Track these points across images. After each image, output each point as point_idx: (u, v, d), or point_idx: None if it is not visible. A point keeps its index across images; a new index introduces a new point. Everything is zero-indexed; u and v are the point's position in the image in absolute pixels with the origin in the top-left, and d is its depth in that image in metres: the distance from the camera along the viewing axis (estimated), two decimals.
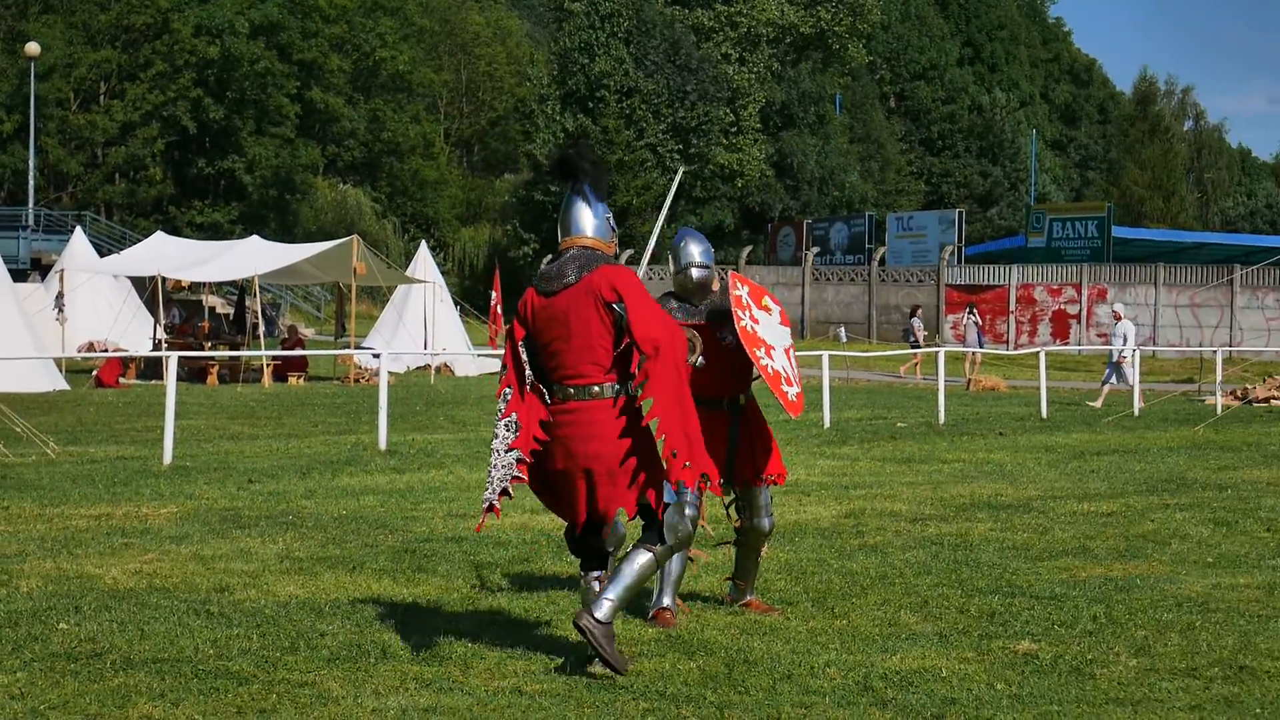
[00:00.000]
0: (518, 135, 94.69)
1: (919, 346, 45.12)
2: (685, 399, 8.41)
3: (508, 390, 8.74)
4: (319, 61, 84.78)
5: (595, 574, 8.63)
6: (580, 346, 8.41)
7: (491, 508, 8.80)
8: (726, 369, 9.90)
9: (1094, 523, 14.15)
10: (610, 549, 8.68)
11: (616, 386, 8.44)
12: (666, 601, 9.68)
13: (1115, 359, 33.73)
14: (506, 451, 8.74)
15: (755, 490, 10.18)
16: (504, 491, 8.74)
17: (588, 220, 8.76)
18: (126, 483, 16.56)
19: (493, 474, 8.82)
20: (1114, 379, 33.49)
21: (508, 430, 8.74)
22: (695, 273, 10.00)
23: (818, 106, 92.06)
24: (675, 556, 9.25)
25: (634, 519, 8.54)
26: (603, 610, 8.19)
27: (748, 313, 9.67)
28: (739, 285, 9.85)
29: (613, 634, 8.23)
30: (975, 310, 48.58)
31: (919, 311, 48.81)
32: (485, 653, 8.68)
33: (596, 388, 8.40)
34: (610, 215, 8.91)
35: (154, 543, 12.48)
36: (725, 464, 9.81)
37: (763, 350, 9.64)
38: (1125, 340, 33.76)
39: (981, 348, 46.24)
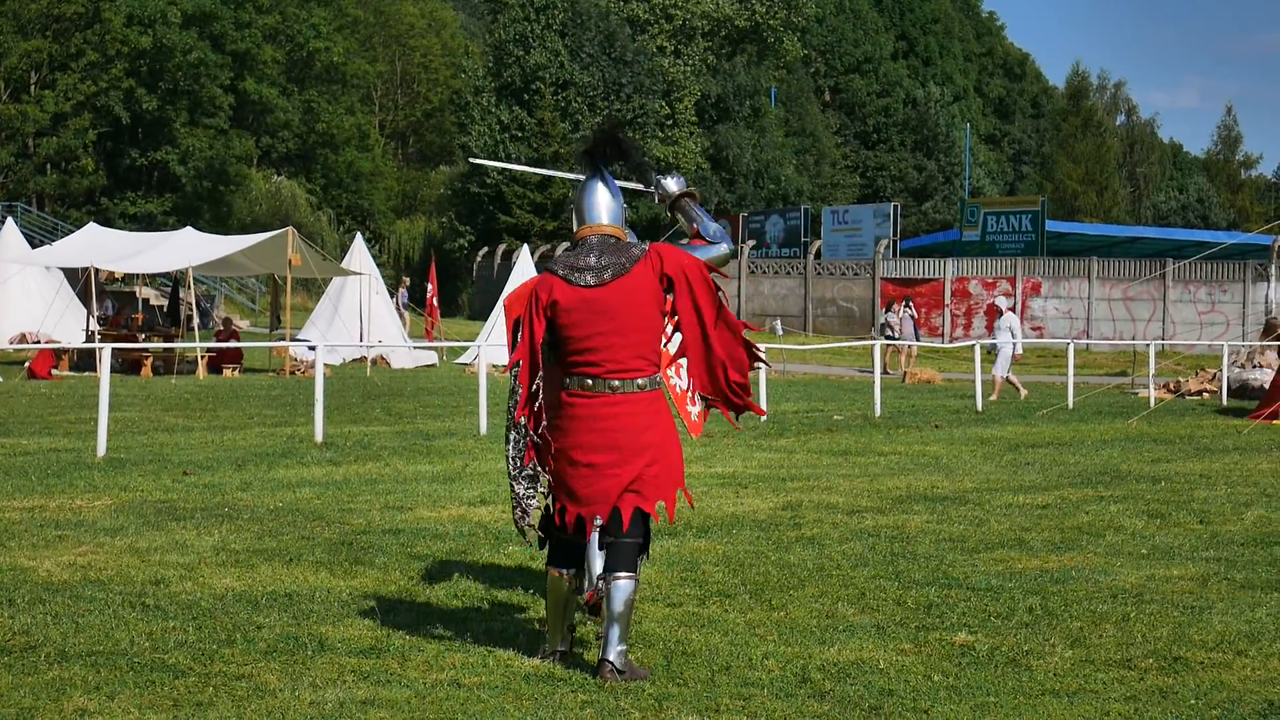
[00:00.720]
0: (453, 127, 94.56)
1: (894, 338, 45.40)
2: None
3: (518, 388, 8.43)
4: (252, 52, 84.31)
5: (568, 570, 8.41)
6: (635, 341, 8.23)
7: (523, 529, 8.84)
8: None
9: (1030, 515, 14.22)
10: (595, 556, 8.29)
11: (659, 379, 8.40)
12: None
13: (1003, 348, 33.79)
14: (522, 465, 8.68)
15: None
16: (524, 511, 8.76)
17: (610, 207, 8.52)
18: (60, 475, 16.45)
19: (516, 489, 8.79)
20: (1004, 369, 33.66)
21: (519, 435, 8.63)
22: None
23: (753, 100, 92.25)
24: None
25: (648, 520, 8.37)
26: (617, 657, 8.01)
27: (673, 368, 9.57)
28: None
29: (630, 663, 8.13)
30: (911, 303, 48.77)
31: (895, 307, 48.64)
32: (423, 645, 8.67)
33: (643, 380, 8.26)
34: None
35: (88, 535, 12.40)
36: None
37: (673, 369, 9.59)
38: (1013, 333, 33.92)
39: (917, 341, 46.41)
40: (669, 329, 8.54)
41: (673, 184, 9.40)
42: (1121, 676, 8.16)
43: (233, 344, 36.35)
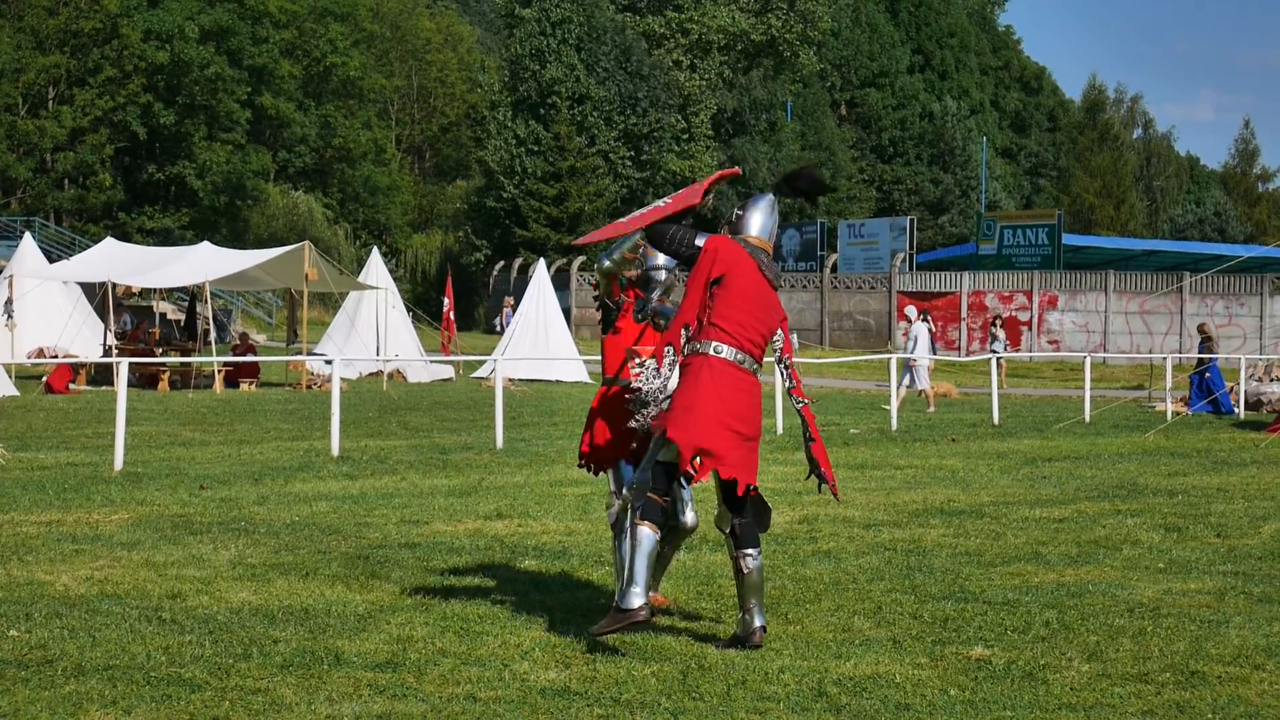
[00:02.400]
0: (469, 142, 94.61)
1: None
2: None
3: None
4: (269, 67, 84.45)
5: (657, 523, 9.07)
6: (767, 339, 9.40)
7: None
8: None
9: (1046, 528, 14.19)
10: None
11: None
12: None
13: (911, 361, 33.72)
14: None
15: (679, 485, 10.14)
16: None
17: (771, 228, 9.65)
18: (77, 489, 16.47)
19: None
20: (908, 380, 33.57)
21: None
22: (661, 275, 10.33)
23: (769, 113, 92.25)
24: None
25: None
26: (764, 619, 9.19)
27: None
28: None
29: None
30: (929, 317, 48.67)
31: (1000, 321, 48.47)
32: (439, 659, 8.67)
33: (758, 365, 9.35)
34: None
35: (105, 549, 12.42)
36: None
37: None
38: (917, 343, 33.89)
39: (934, 355, 46.35)
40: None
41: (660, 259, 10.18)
42: (1138, 690, 8.14)
43: (249, 358, 36.44)
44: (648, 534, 9.00)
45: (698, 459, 8.99)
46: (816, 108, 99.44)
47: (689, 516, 10.10)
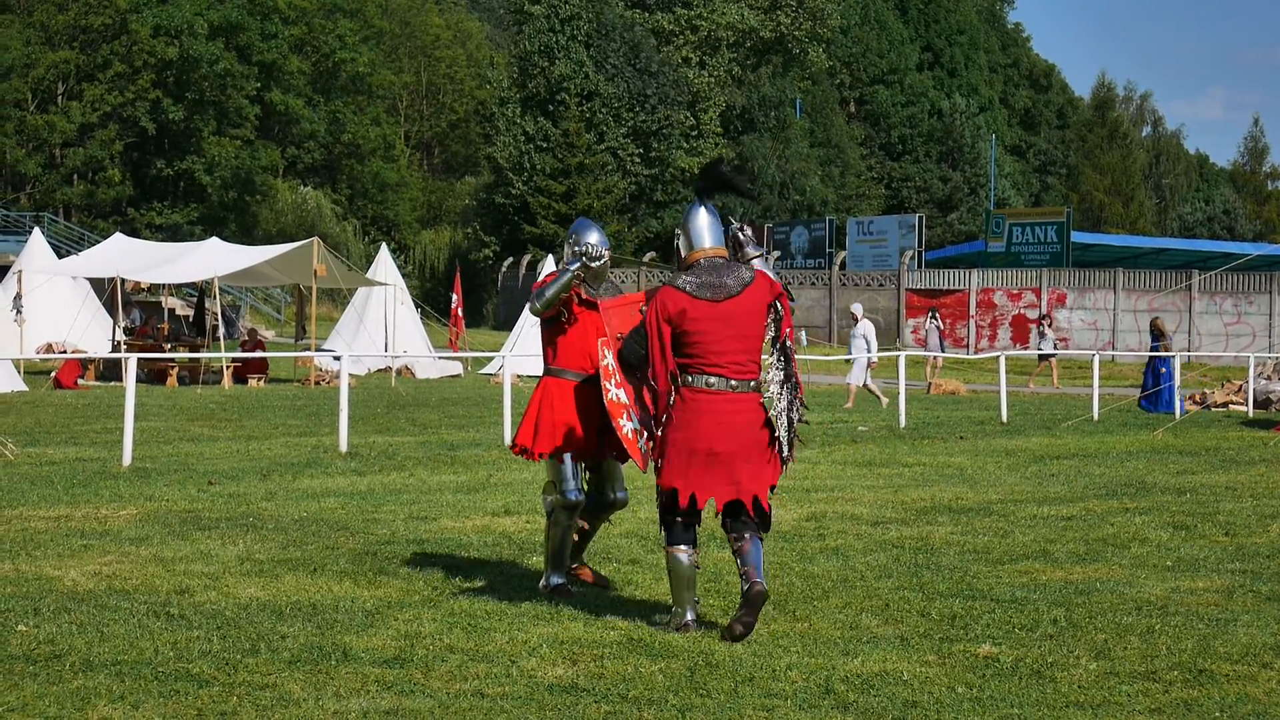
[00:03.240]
0: (478, 138, 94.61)
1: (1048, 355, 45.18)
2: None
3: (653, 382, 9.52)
4: (279, 63, 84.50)
5: (685, 548, 9.37)
6: (752, 348, 9.43)
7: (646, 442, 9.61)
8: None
9: (1054, 526, 14.18)
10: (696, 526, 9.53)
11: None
12: (556, 580, 10.67)
13: (858, 356, 33.67)
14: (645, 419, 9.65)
15: (616, 463, 10.83)
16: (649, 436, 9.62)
17: (718, 233, 9.69)
18: (86, 484, 16.50)
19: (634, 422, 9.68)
20: (860, 378, 33.58)
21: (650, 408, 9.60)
22: (596, 264, 10.66)
23: (778, 111, 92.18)
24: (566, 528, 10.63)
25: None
26: (765, 582, 9.32)
27: (613, 380, 10.06)
28: (606, 354, 10.06)
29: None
30: (938, 315, 48.64)
31: (1051, 320, 48.33)
32: (447, 655, 8.68)
33: (754, 382, 9.44)
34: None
35: (113, 544, 12.43)
36: (598, 434, 10.50)
37: (624, 415, 9.94)
38: (866, 341, 33.89)
39: (943, 352, 46.30)
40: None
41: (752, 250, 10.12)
42: (1146, 689, 8.14)
43: (258, 354, 36.48)
44: (679, 557, 9.42)
45: (683, 495, 9.36)
46: (825, 105, 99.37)
47: (613, 494, 10.88)
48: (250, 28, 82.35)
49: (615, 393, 10.14)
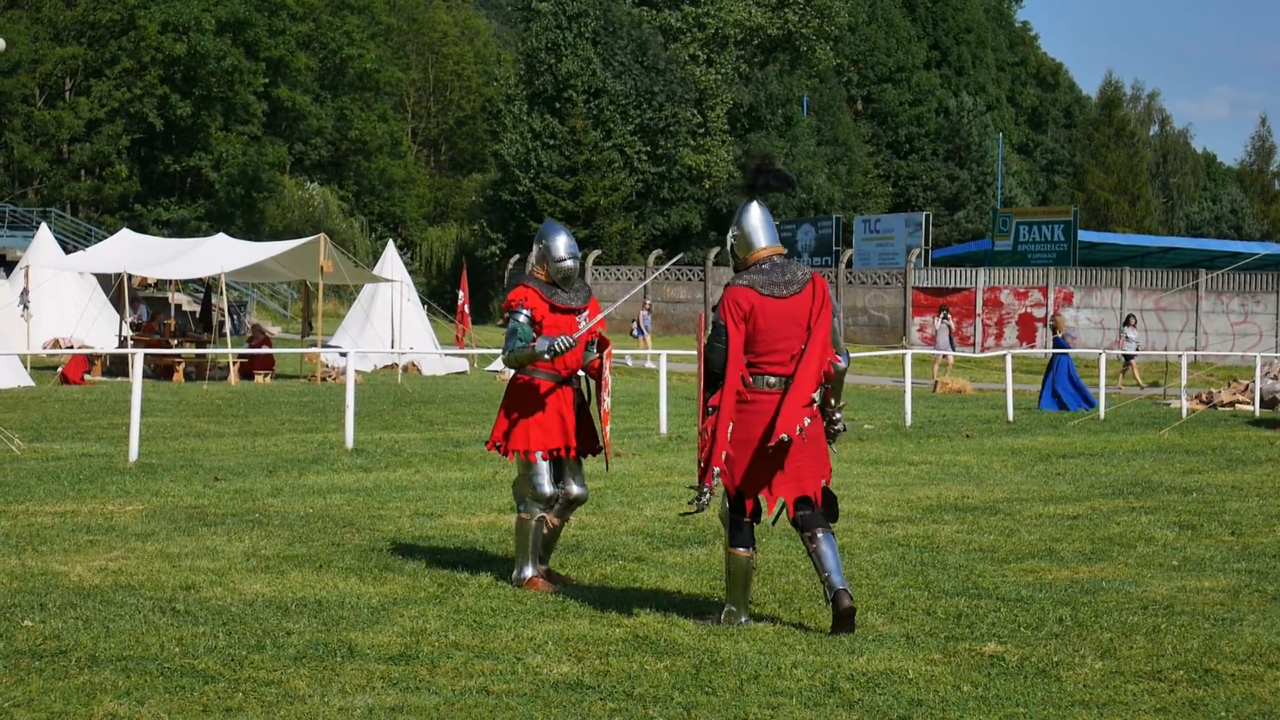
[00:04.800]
0: (485, 135, 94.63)
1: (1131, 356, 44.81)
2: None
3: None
4: (286, 59, 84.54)
5: (746, 549, 9.54)
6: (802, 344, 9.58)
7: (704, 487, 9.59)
8: (578, 351, 10.90)
9: (1060, 525, 14.18)
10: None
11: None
12: (531, 571, 10.85)
13: None
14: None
15: (578, 460, 11.11)
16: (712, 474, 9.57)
17: (773, 230, 9.84)
18: (92, 480, 16.50)
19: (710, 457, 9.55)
20: None
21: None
22: (569, 264, 10.92)
23: (785, 108, 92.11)
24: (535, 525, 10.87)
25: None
26: (846, 584, 9.49)
27: (608, 392, 10.98)
28: (607, 370, 10.92)
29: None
30: (948, 314, 48.55)
31: (1133, 320, 48.15)
32: (452, 652, 8.68)
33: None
34: None
35: (119, 540, 12.44)
36: (575, 432, 10.93)
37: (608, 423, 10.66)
38: None
39: (953, 350, 46.22)
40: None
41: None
42: (1152, 688, 8.14)
43: (264, 350, 36.46)
44: (741, 558, 9.58)
45: (749, 497, 9.57)
46: (832, 103, 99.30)
47: (575, 489, 11.11)
48: (258, 24, 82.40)
49: (609, 403, 10.94)
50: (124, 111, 78.07)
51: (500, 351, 11.16)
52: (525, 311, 10.81)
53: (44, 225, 47.13)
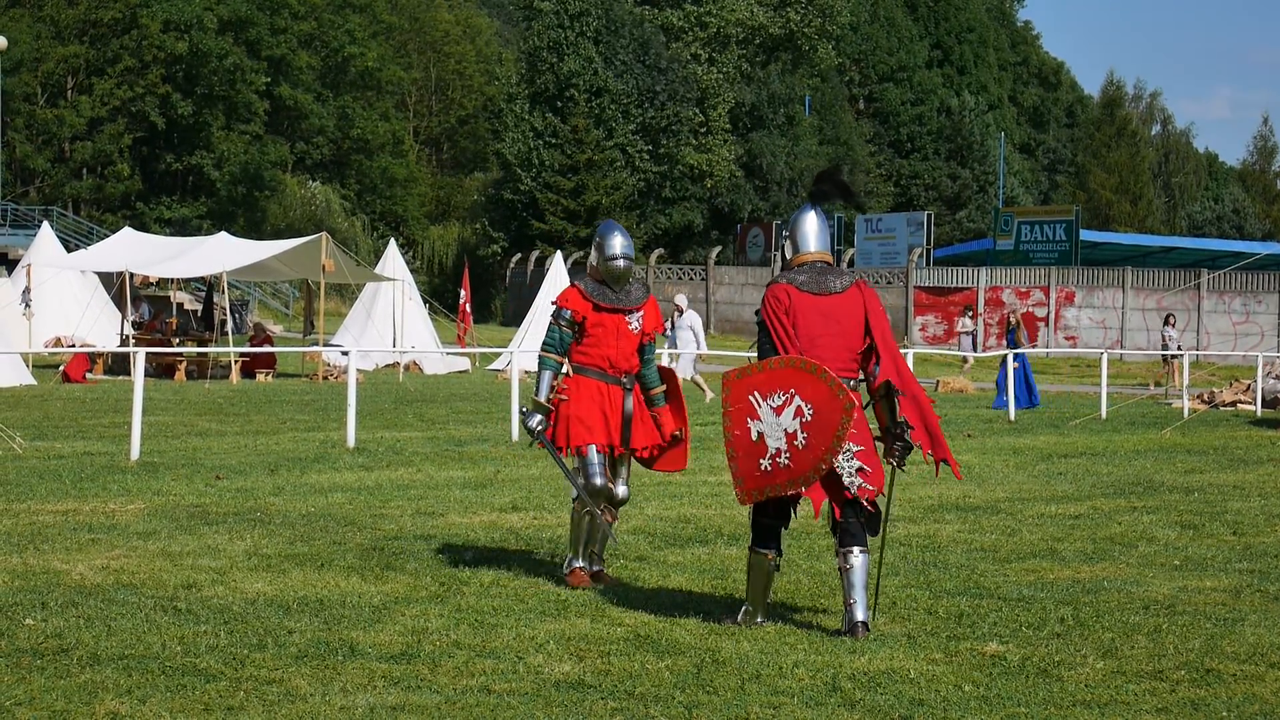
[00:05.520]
0: (487, 134, 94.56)
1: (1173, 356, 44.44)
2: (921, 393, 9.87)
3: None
4: (288, 58, 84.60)
5: (770, 552, 9.59)
6: (852, 346, 9.68)
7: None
8: (627, 350, 10.96)
9: (1062, 525, 14.18)
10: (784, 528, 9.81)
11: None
12: (581, 564, 10.88)
13: (685, 348, 33.38)
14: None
15: (624, 460, 11.13)
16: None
17: (825, 238, 10.05)
18: (93, 478, 16.51)
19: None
20: (687, 371, 33.38)
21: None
22: (620, 263, 10.95)
23: (787, 108, 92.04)
24: (588, 520, 10.84)
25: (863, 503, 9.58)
26: (867, 616, 9.39)
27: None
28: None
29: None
30: (971, 312, 48.12)
31: (1172, 320, 47.95)
32: (454, 651, 8.68)
33: (853, 381, 9.66)
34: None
35: (121, 539, 12.45)
36: (621, 431, 10.94)
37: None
38: (694, 333, 33.63)
39: (975, 351, 46.07)
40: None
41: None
42: (1153, 688, 8.14)
43: (266, 349, 36.45)
44: (763, 560, 9.62)
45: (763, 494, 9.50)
46: (834, 102, 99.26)
47: (619, 489, 11.08)
48: (259, 23, 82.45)
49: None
50: (126, 110, 78.14)
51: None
52: (566, 313, 10.90)
53: (46, 224, 47.11)
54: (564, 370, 10.94)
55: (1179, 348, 44.26)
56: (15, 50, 71.01)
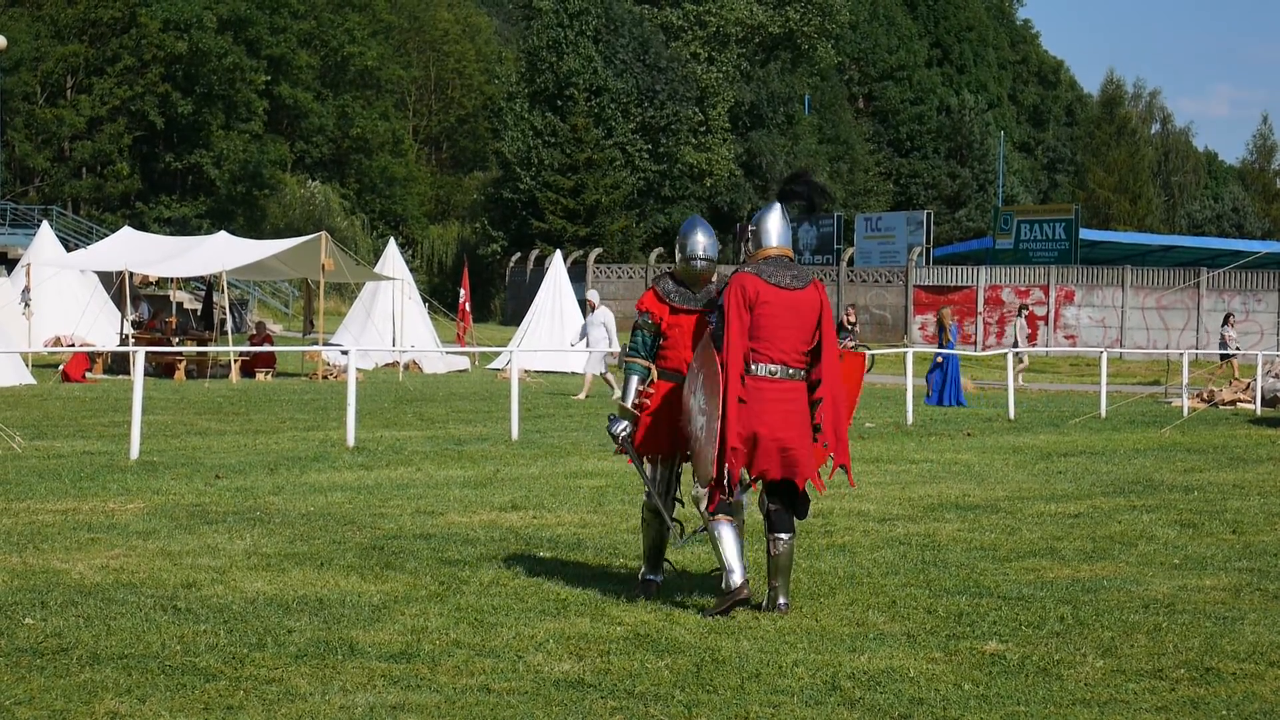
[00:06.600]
0: (486, 133, 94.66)
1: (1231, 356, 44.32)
2: (842, 398, 10.28)
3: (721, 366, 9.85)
4: (287, 57, 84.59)
5: (730, 517, 9.92)
6: (806, 339, 10.01)
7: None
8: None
9: (1061, 524, 14.18)
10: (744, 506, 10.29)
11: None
12: (646, 573, 10.78)
13: (596, 344, 33.25)
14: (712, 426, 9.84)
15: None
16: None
17: (787, 235, 10.26)
18: (93, 478, 16.50)
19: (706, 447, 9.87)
20: (598, 367, 33.29)
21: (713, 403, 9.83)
22: (699, 264, 10.69)
23: (786, 107, 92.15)
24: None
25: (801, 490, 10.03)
26: (788, 599, 9.99)
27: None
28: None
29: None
30: (1027, 310, 47.74)
31: (1232, 320, 47.84)
32: (454, 650, 8.68)
33: (802, 372, 10.02)
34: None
35: (120, 538, 12.44)
36: (671, 434, 10.66)
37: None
38: (606, 329, 33.53)
39: (1029, 348, 45.94)
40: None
41: None
42: (1153, 687, 8.13)
43: (266, 348, 36.44)
44: (724, 525, 9.91)
45: (734, 470, 9.86)
46: (834, 101, 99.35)
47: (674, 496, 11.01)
48: (259, 22, 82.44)
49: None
50: (125, 109, 78.13)
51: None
52: (644, 316, 10.68)
53: (45, 223, 47.14)
54: (651, 375, 10.62)
55: (1238, 348, 44.26)
56: (15, 49, 71.01)
